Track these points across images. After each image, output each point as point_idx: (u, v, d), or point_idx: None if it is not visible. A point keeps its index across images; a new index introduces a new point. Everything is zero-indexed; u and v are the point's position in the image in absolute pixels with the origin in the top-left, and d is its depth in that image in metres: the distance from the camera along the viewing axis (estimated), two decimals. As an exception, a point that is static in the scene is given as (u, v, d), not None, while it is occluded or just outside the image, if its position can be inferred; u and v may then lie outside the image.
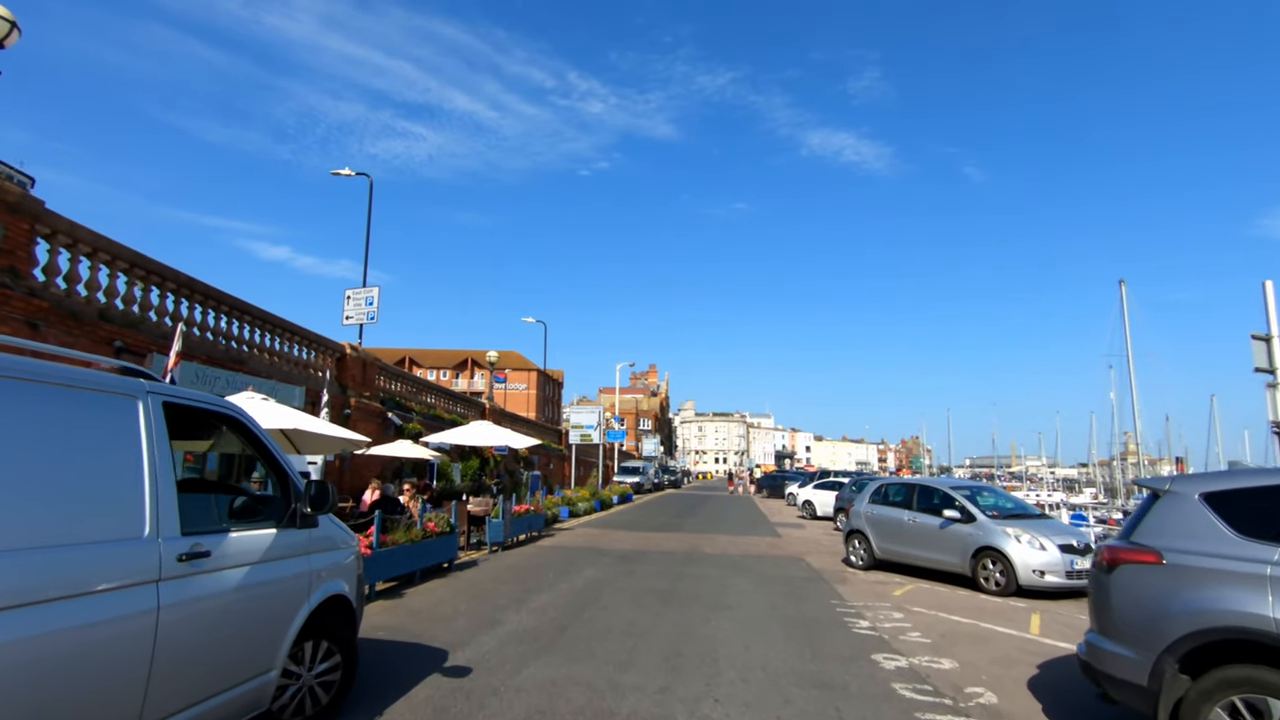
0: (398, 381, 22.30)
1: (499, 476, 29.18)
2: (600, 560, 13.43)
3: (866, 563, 13.05)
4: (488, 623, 7.88)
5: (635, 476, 45.95)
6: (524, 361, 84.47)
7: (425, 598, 9.29)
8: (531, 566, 12.43)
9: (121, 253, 11.10)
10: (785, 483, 44.34)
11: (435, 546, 10.94)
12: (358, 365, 18.86)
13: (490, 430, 16.91)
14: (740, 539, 18.64)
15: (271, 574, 4.11)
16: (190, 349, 12.41)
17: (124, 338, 10.77)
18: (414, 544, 10.13)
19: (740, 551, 15.72)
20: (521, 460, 33.81)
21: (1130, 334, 35.52)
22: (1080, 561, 10.42)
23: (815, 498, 27.12)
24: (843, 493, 22.47)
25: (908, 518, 12.28)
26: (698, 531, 20.45)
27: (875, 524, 12.97)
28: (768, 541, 18.24)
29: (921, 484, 12.80)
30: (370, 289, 21.00)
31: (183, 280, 12.49)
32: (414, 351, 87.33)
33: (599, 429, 38.81)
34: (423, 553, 10.48)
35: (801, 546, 17.31)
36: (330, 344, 17.80)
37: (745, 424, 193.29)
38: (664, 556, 14.39)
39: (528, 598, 9.41)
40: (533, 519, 16.95)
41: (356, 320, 20.95)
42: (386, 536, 9.66)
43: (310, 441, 10.47)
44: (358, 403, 18.20)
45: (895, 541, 12.50)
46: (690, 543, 17.24)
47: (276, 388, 14.80)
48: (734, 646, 7.13)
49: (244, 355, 14.18)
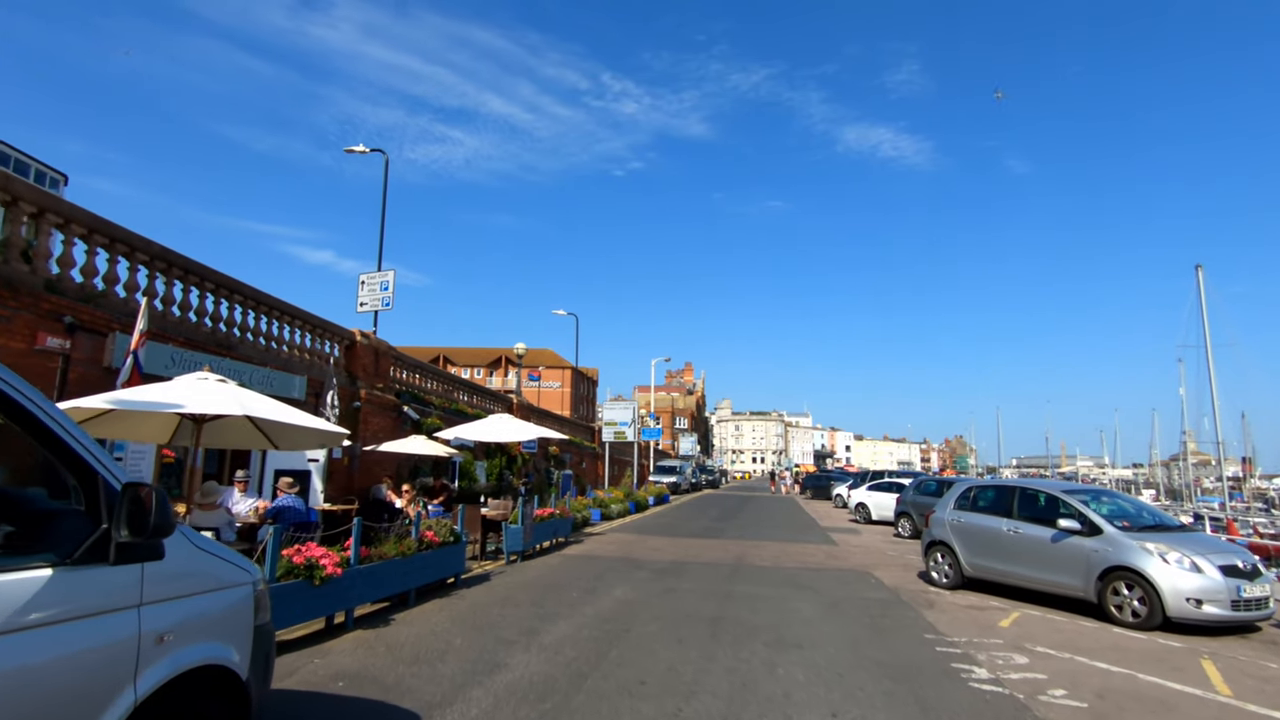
0: (415, 373, 20.71)
1: (527, 475, 27.49)
2: (634, 574, 11.51)
3: (952, 581, 10.86)
4: (485, 667, 6.01)
5: (672, 476, 43.96)
6: (558, 359, 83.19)
7: (414, 626, 7.47)
8: (552, 582, 10.57)
9: (76, 215, 9.57)
10: (831, 483, 41.85)
11: (435, 560, 9.15)
12: (369, 354, 17.28)
13: (510, 424, 15.14)
14: (792, 547, 16.52)
15: (42, 649, 2.29)
16: (165, 330, 10.88)
17: (77, 313, 9.22)
18: (406, 558, 8.34)
19: (796, 563, 13.64)
20: (552, 459, 32.10)
21: (1209, 323, 32.31)
22: (1250, 588, 8.11)
23: (870, 500, 24.75)
24: (905, 495, 20.12)
25: (1006, 528, 10.07)
26: (743, 538, 18.39)
27: (964, 535, 10.77)
28: (824, 550, 16.09)
29: (1024, 486, 10.54)
30: (385, 273, 19.45)
31: (156, 251, 10.95)
32: (448, 350, 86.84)
33: (633, 426, 36.90)
34: (418, 568, 8.68)
35: (864, 556, 15.13)
36: (338, 330, 16.23)
37: (783, 423, 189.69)
38: (707, 570, 12.40)
39: (542, 628, 7.53)
40: (558, 524, 15.11)
41: (371, 307, 19.42)
42: (371, 549, 7.89)
43: (286, 435, 8.78)
44: (369, 395, 16.61)
45: (990, 556, 10.30)
46: (736, 552, 15.21)
47: (272, 376, 13.25)
48: (816, 716, 5.12)
49: (232, 340, 12.63)
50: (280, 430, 8.58)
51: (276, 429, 8.58)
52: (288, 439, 8.92)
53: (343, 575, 6.95)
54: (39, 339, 8.70)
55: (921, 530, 18.96)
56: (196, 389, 6.89)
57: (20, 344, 8.51)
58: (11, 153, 39.39)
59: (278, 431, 8.71)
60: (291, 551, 6.52)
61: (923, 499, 19.00)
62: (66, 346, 9.11)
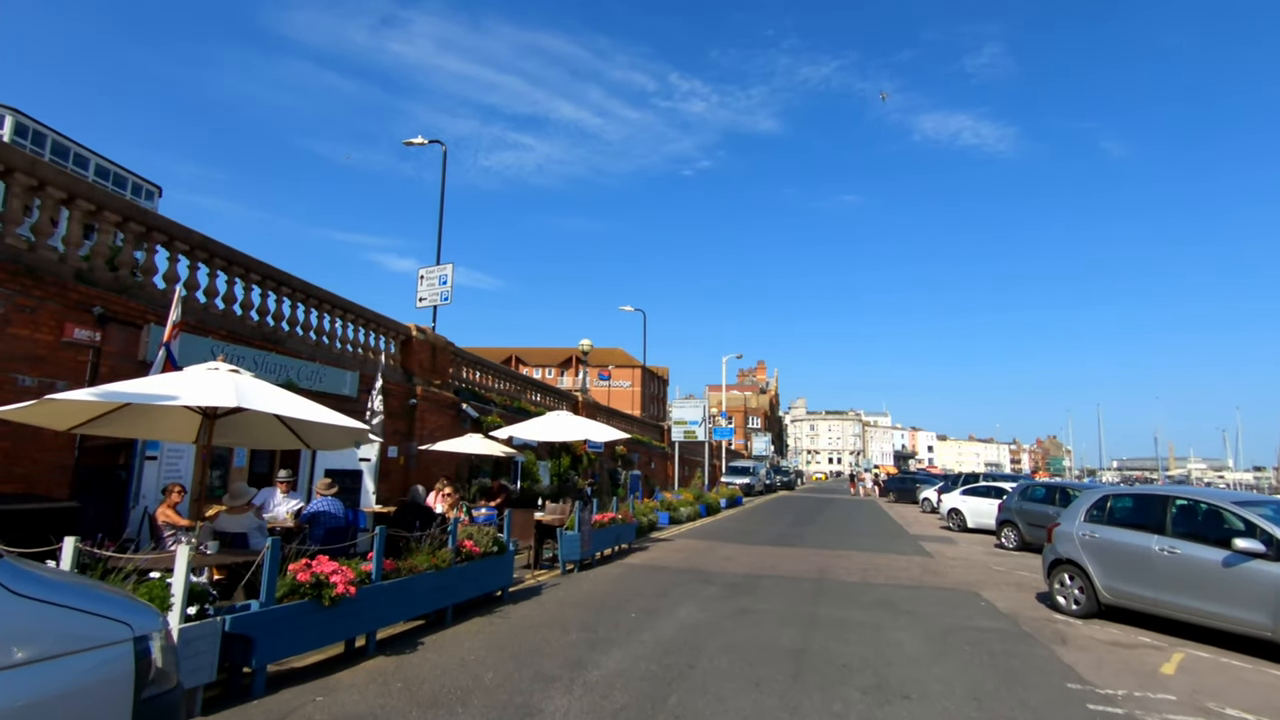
0: (475, 370, 20.07)
1: (593, 476, 26.56)
2: (703, 590, 10.23)
3: (1084, 608, 9.07)
4: (513, 716, 4.90)
5: (745, 478, 42.29)
6: (628, 358, 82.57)
7: (444, 653, 6.46)
8: (609, 598, 9.43)
9: (110, 203, 9.12)
10: (917, 486, 39.20)
11: (476, 572, 8.16)
12: (426, 350, 16.67)
13: (569, 422, 14.13)
14: (881, 559, 14.82)
15: None
16: (206, 322, 10.39)
17: (109, 303, 8.74)
18: (440, 571, 7.36)
19: (887, 579, 12.01)
20: (620, 459, 31.11)
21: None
22: None
23: (965, 506, 22.50)
24: (1009, 502, 17.93)
25: (1158, 546, 8.22)
26: (824, 546, 16.77)
27: (1099, 553, 8.96)
28: (918, 564, 14.32)
29: (1179, 496, 8.61)
30: (444, 267, 18.87)
31: (196, 241, 10.48)
32: (520, 350, 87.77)
33: (704, 425, 35.48)
34: (456, 582, 7.70)
35: (966, 572, 13.30)
36: (393, 325, 15.67)
37: (860, 422, 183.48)
38: (786, 585, 10.98)
39: (590, 659, 6.38)
40: (620, 529, 13.98)
41: (430, 302, 18.88)
42: (398, 561, 6.94)
43: (315, 432, 7.98)
44: (425, 392, 15.99)
45: (1136, 580, 8.47)
46: (818, 563, 13.68)
47: (322, 371, 12.71)
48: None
49: (280, 334, 12.11)
50: (309, 428, 7.78)
51: (306, 426, 7.77)
52: (317, 437, 8.13)
53: (358, 594, 6.01)
54: (66, 330, 8.23)
55: (1028, 541, 16.84)
56: (200, 380, 6.10)
57: (47, 336, 8.05)
58: (111, 167, 41.78)
59: (307, 429, 7.91)
60: (298, 567, 5.62)
61: (1031, 506, 16.84)
62: (97, 339, 8.63)
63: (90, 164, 40.26)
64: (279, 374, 11.63)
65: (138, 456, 8.89)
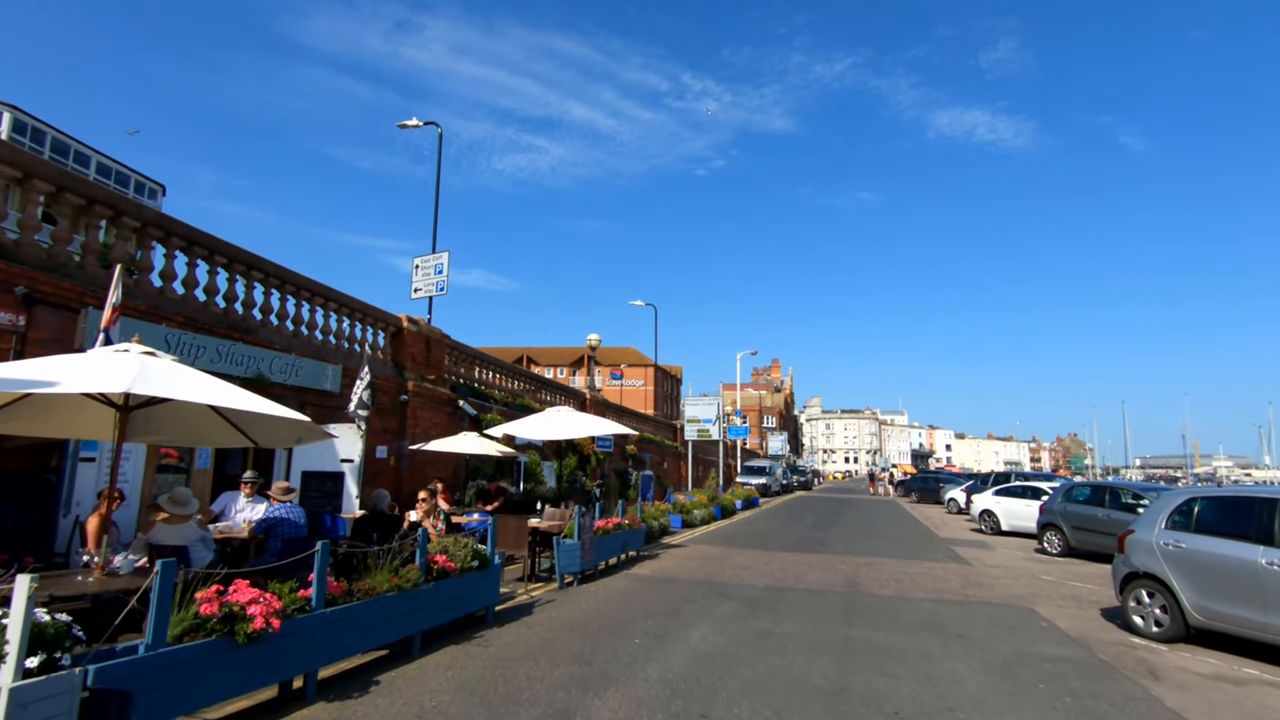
0: (475, 364, 18.91)
1: (602, 477, 25.31)
2: (718, 607, 8.98)
3: (1168, 631, 7.71)
4: (468, 799, 3.68)
5: (761, 478, 40.90)
6: (640, 357, 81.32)
7: (399, 697, 5.25)
8: (611, 619, 8.19)
9: (40, 170, 8.02)
10: (941, 485, 37.61)
11: (451, 592, 6.96)
12: (419, 342, 15.54)
13: (570, 418, 12.90)
14: (914, 567, 13.47)
15: None
16: (162, 308, 9.27)
17: (36, 282, 7.64)
18: (405, 593, 6.17)
19: (926, 591, 10.68)
20: (630, 459, 29.86)
21: None
22: None
23: (999, 507, 21.02)
24: (1051, 503, 16.46)
25: (1265, 559, 6.86)
26: (851, 552, 15.43)
27: (1186, 566, 7.60)
28: (956, 573, 12.95)
29: None
30: (439, 255, 17.74)
31: (150, 219, 9.40)
32: (532, 350, 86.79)
33: (718, 423, 34.14)
34: (426, 605, 6.50)
35: (1012, 583, 11.93)
36: (382, 315, 14.54)
37: (877, 421, 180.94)
38: (813, 601, 9.69)
39: (579, 705, 5.15)
40: (627, 536, 12.72)
41: (425, 292, 17.78)
42: (352, 583, 5.75)
43: (260, 427, 6.82)
44: (418, 388, 14.84)
45: (1236, 600, 7.10)
46: (846, 573, 12.36)
47: (298, 364, 11.59)
48: None
49: (251, 323, 11.00)
50: (252, 421, 6.62)
51: (247, 419, 6.62)
52: (264, 431, 6.97)
53: (292, 626, 4.83)
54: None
55: (1073, 546, 15.32)
56: (98, 363, 4.94)
57: (-45, 319, 6.97)
58: (113, 165, 41.17)
59: (251, 423, 6.75)
60: (206, 596, 4.44)
61: (1076, 509, 15.39)
62: (20, 323, 7.54)
63: (91, 161, 39.65)
64: (247, 366, 10.52)
65: (69, 458, 7.79)
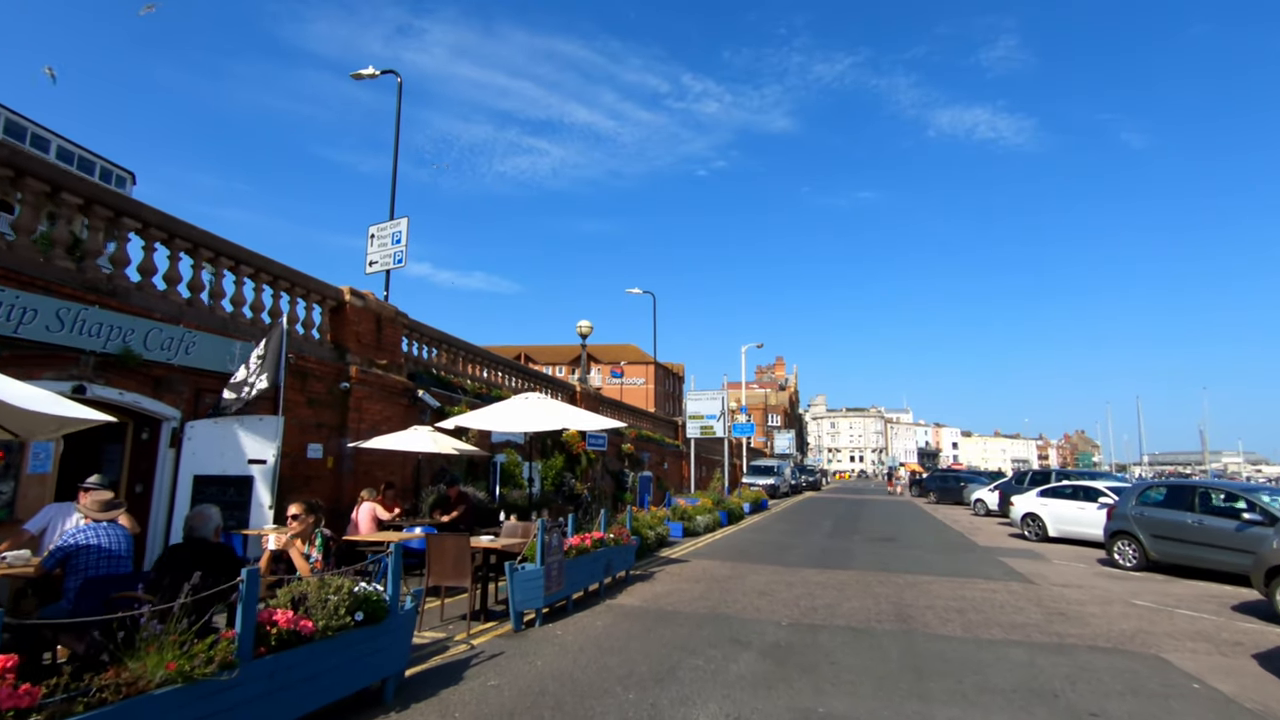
0: (439, 348, 16.35)
1: (593, 480, 22.74)
2: (731, 663, 6.40)
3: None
4: None
5: (769, 478, 38.33)
6: (641, 354, 78.79)
7: None
8: (573, 691, 5.62)
9: None
10: (963, 485, 34.97)
11: (312, 666, 4.40)
12: (367, 320, 12.99)
13: (542, 407, 10.32)
14: (969, 588, 10.85)
15: None
16: None
17: None
18: (195, 685, 3.60)
19: (1004, 629, 8.06)
20: (627, 458, 27.25)
21: None
22: None
23: (1045, 510, 18.38)
24: (1122, 507, 13.75)
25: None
26: (885, 568, 12.81)
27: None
28: (1025, 595, 10.32)
29: None
30: (397, 222, 15.20)
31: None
32: (529, 348, 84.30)
33: (722, 420, 31.55)
34: (247, 699, 3.94)
35: (1104, 611, 9.30)
36: (317, 285, 12.00)
37: (882, 419, 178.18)
38: (860, 645, 7.11)
39: None
40: (612, 553, 10.07)
41: (382, 265, 15.24)
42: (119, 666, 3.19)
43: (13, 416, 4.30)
44: (363, 374, 12.29)
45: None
46: (890, 598, 9.77)
47: (191, 339, 9.05)
48: None
49: (119, 285, 8.46)
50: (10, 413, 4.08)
51: None
52: (19, 422, 4.43)
53: None
54: None
55: (1152, 559, 12.32)
56: None
57: None
58: (76, 150, 38.69)
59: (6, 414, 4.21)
60: None
61: (1158, 514, 12.66)
62: None
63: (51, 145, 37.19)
64: (111, 338, 8.00)
65: None
